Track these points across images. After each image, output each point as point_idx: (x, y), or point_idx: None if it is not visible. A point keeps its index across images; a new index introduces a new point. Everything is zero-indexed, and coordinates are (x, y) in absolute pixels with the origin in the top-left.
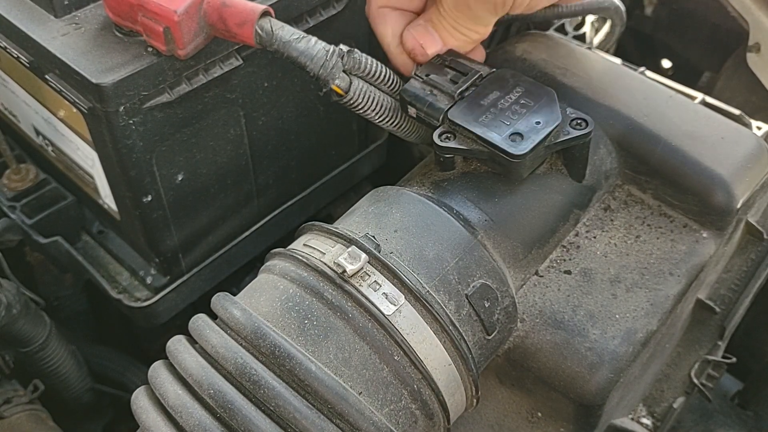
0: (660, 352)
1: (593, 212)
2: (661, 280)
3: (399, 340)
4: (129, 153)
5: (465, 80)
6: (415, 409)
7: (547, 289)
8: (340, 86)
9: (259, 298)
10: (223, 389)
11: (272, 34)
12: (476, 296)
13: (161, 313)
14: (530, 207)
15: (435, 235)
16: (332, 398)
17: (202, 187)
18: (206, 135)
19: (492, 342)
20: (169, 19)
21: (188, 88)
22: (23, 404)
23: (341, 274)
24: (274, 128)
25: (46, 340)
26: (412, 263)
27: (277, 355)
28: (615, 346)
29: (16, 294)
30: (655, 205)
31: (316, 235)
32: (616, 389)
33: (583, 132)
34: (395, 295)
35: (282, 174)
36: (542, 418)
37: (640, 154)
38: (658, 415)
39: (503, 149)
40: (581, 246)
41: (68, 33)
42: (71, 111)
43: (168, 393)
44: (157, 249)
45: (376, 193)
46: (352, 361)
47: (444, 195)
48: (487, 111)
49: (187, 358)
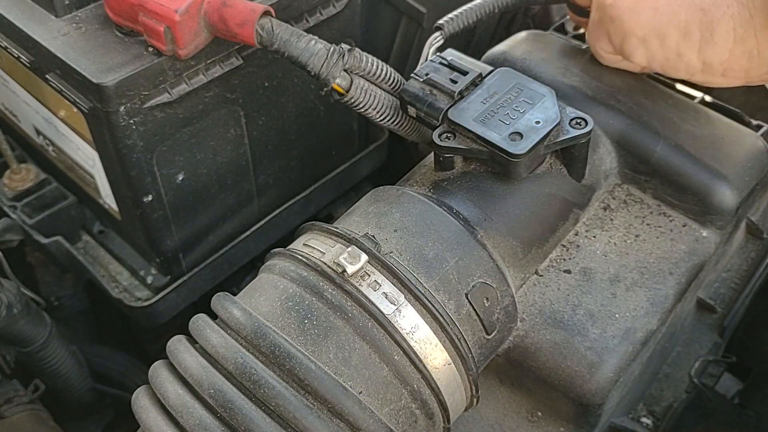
0: (660, 351)
1: (593, 211)
2: (660, 280)
3: (399, 339)
4: (129, 153)
5: (464, 80)
6: (415, 408)
7: (546, 288)
8: (340, 85)
9: (259, 298)
10: (224, 389)
11: (273, 34)
12: (476, 295)
13: (162, 313)
14: (530, 206)
15: (435, 234)
16: (332, 398)
17: (202, 186)
18: (207, 135)
19: (492, 341)
20: (169, 19)
21: (189, 88)
22: (24, 404)
23: (341, 274)
24: (275, 128)
25: (47, 340)
26: (412, 263)
27: (277, 354)
28: (615, 346)
29: (17, 294)
30: (654, 205)
31: (316, 235)
32: (615, 388)
33: (583, 131)
34: (395, 294)
35: (282, 174)
36: (542, 417)
37: (639, 153)
38: (658, 414)
39: (503, 148)
40: (581, 245)
41: (69, 33)
42: (72, 111)
43: (168, 393)
44: (157, 249)
45: (376, 192)
46: (351, 360)
47: (444, 194)
48: (487, 110)
49: (188, 357)
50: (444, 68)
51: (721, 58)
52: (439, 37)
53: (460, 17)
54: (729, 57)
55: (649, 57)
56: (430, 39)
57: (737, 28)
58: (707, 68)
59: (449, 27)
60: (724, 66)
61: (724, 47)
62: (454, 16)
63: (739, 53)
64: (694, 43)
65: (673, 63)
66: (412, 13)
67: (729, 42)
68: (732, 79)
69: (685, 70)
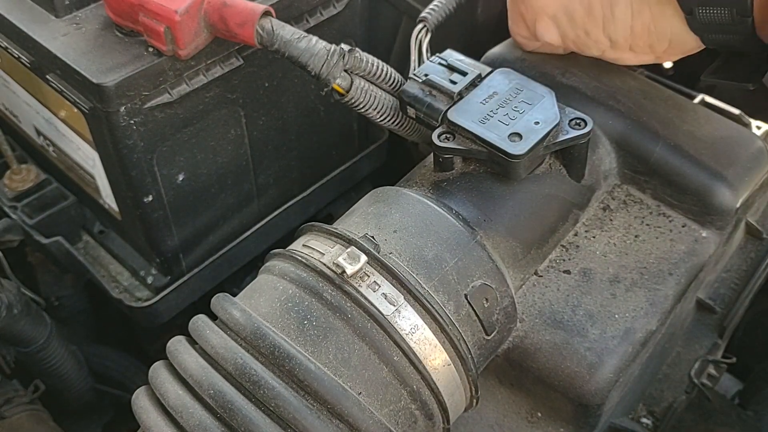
0: (660, 351)
1: (592, 212)
2: (660, 280)
3: (398, 340)
4: (130, 153)
5: (464, 80)
6: (414, 409)
7: (546, 289)
8: (341, 85)
9: (258, 299)
10: (223, 389)
11: (273, 34)
12: (475, 296)
13: (162, 313)
14: (529, 207)
15: (434, 235)
16: (332, 398)
17: (202, 187)
18: (207, 135)
19: (491, 342)
20: (169, 19)
21: (189, 89)
22: (24, 404)
23: (340, 275)
24: (275, 128)
25: (47, 340)
26: (412, 263)
27: (276, 355)
28: (614, 346)
29: (17, 294)
30: (654, 205)
31: (316, 236)
32: (615, 389)
33: (582, 132)
34: (394, 295)
35: (282, 174)
36: (542, 418)
37: (639, 153)
38: (658, 414)
39: (502, 149)
40: (580, 246)
41: (69, 33)
42: (72, 111)
43: (168, 393)
44: (157, 249)
45: (376, 193)
46: (351, 361)
47: (443, 195)
48: (486, 111)
49: (187, 358)
50: (443, 69)
51: (624, 34)
52: (423, 30)
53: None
54: (631, 33)
55: (562, 35)
56: (415, 32)
57: (634, 3)
58: (615, 45)
59: (433, 18)
60: (629, 42)
61: (625, 23)
62: (436, 6)
63: (640, 28)
64: (598, 20)
65: (584, 40)
66: (412, 13)
67: (628, 17)
68: (641, 55)
69: (595, 47)
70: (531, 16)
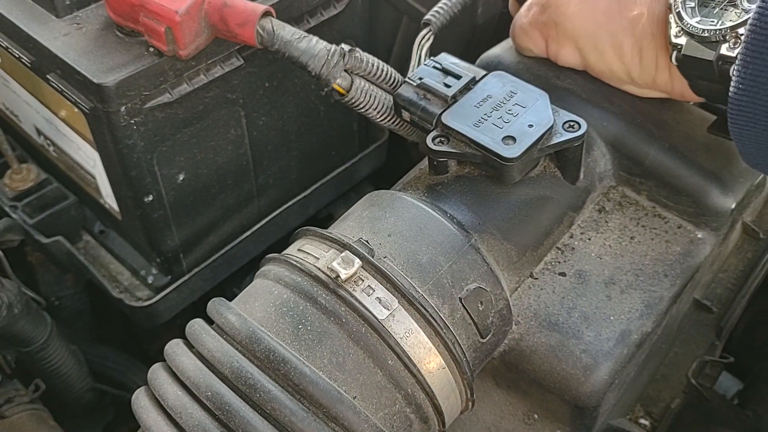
0: (656, 352)
1: (587, 214)
2: (655, 282)
3: (393, 344)
4: (130, 153)
5: (458, 84)
6: (409, 413)
7: (541, 291)
8: (341, 85)
9: (253, 304)
10: (221, 391)
11: (273, 34)
12: (470, 299)
13: (162, 313)
14: (524, 210)
15: (428, 238)
16: (327, 402)
17: (202, 187)
18: (207, 135)
19: (486, 345)
20: (170, 20)
21: (189, 89)
22: (24, 404)
23: (335, 279)
24: (275, 128)
25: (47, 340)
26: (406, 267)
27: (271, 359)
28: (610, 348)
29: (18, 294)
30: (649, 207)
31: (310, 240)
32: (611, 391)
33: (576, 134)
34: (389, 299)
35: (282, 174)
36: (538, 420)
37: (634, 155)
38: (656, 415)
39: (496, 152)
40: (576, 248)
41: (70, 33)
42: (72, 111)
43: (167, 394)
44: (158, 249)
45: (371, 197)
46: (346, 365)
47: (438, 199)
48: (480, 114)
49: (185, 361)
50: (437, 72)
51: (647, 81)
52: (428, 33)
53: (446, 9)
54: (653, 82)
55: (584, 64)
56: (419, 36)
57: (659, 59)
58: (635, 83)
59: (437, 21)
60: (650, 86)
61: (649, 73)
62: (440, 9)
63: (661, 81)
64: (626, 63)
65: (607, 74)
66: (412, 13)
67: (653, 69)
68: (658, 93)
69: (615, 79)
70: (559, 39)
